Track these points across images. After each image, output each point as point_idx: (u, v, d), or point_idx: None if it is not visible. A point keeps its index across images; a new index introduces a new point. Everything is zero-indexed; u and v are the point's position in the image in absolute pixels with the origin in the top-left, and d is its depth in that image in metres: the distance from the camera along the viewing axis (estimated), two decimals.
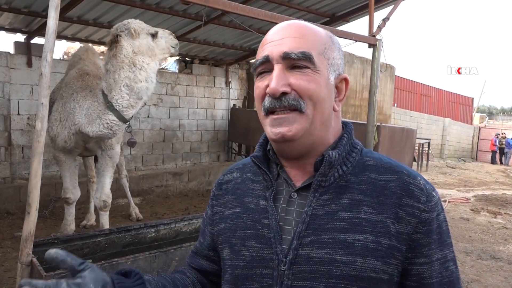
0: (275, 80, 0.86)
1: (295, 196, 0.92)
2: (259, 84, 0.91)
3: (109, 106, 3.36)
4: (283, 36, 0.89)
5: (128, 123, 3.51)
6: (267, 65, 0.89)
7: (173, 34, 3.60)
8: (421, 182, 0.88)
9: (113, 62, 3.30)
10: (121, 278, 0.85)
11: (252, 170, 1.02)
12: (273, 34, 0.91)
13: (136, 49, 3.33)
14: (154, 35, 3.42)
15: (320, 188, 0.89)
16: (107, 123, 3.40)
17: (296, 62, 0.86)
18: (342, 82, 0.94)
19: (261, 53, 0.91)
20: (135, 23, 3.35)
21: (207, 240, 1.08)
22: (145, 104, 7.06)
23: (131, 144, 3.68)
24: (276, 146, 0.93)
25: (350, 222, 0.85)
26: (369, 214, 0.85)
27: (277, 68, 0.87)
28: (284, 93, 0.86)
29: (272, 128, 0.88)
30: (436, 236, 0.86)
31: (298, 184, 0.93)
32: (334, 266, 0.83)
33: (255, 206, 0.96)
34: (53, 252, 0.76)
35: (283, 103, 0.86)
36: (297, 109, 0.86)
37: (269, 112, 0.88)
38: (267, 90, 0.87)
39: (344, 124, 0.98)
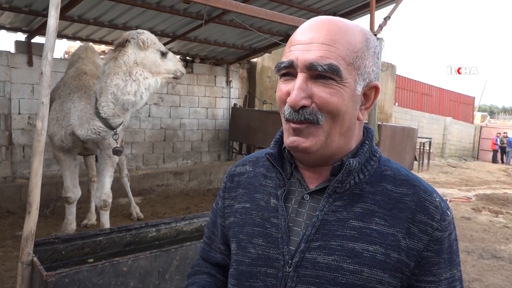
0: (296, 92, 0.82)
1: (308, 198, 0.90)
2: (282, 87, 0.87)
3: (97, 112, 3.36)
4: (311, 40, 0.83)
5: (115, 130, 3.49)
6: (291, 70, 0.85)
7: (182, 62, 3.64)
8: (436, 199, 0.87)
9: (111, 64, 3.28)
10: None
11: (265, 165, 1.01)
12: (302, 33, 0.86)
13: (139, 60, 3.28)
14: (164, 54, 3.40)
15: (334, 194, 0.88)
16: (94, 128, 3.42)
17: (321, 73, 0.82)
18: (371, 90, 0.90)
19: (287, 54, 0.86)
20: (147, 35, 3.33)
21: (219, 233, 1.07)
22: (146, 103, 7.07)
23: (116, 152, 3.63)
24: (294, 153, 0.91)
25: (360, 232, 0.84)
26: (380, 225, 0.84)
27: (300, 77, 0.83)
28: (303, 106, 0.83)
29: (289, 136, 0.87)
30: (446, 255, 0.86)
31: (312, 186, 0.91)
32: (340, 274, 0.82)
33: (265, 204, 0.95)
34: None
35: (300, 116, 0.83)
36: (313, 123, 0.84)
37: (288, 121, 0.87)
38: (288, 100, 0.84)
39: (366, 129, 0.95)
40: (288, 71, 0.86)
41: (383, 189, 0.88)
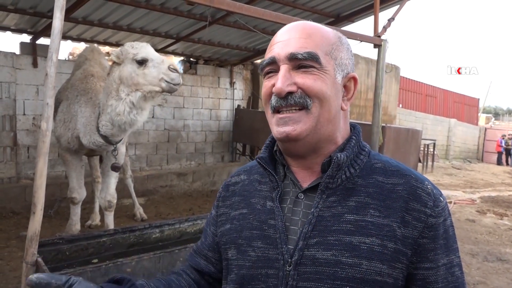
0: (280, 80, 0.86)
1: (302, 197, 0.92)
2: (266, 83, 0.92)
3: (97, 127, 3.37)
4: (289, 36, 0.90)
5: (115, 147, 3.48)
6: (273, 66, 0.90)
7: (175, 66, 3.07)
8: (428, 186, 0.88)
9: (107, 81, 3.26)
10: (112, 286, 0.87)
11: (259, 171, 1.03)
12: (280, 35, 0.92)
13: (121, 75, 3.10)
14: (141, 63, 3.01)
15: (327, 190, 0.89)
16: (94, 142, 3.44)
17: (302, 62, 0.86)
18: (350, 81, 0.94)
19: (268, 54, 0.92)
20: (124, 47, 3.11)
21: (208, 240, 1.09)
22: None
23: (114, 169, 3.64)
24: (282, 145, 0.93)
25: (356, 225, 0.85)
26: (375, 217, 0.85)
27: (283, 68, 0.88)
28: (290, 92, 0.86)
29: (277, 127, 0.89)
30: (442, 241, 0.86)
31: (305, 185, 0.93)
32: (340, 268, 0.83)
33: (261, 207, 0.96)
34: (34, 277, 0.77)
35: (289, 101, 0.87)
36: (304, 107, 0.86)
37: (276, 110, 0.89)
38: (273, 89, 0.88)
39: (352, 126, 0.98)
40: (271, 68, 0.91)
41: (374, 181, 0.89)
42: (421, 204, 0.85)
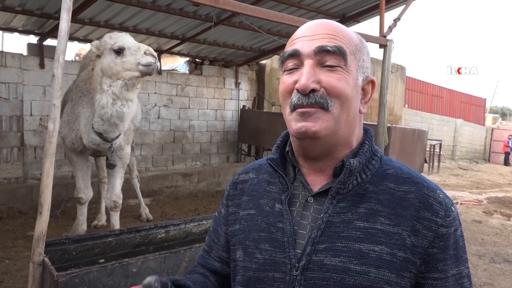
0: (305, 76, 0.84)
1: (312, 201, 0.91)
2: (286, 79, 0.89)
3: (92, 125, 3.39)
4: (315, 32, 0.87)
5: (111, 144, 3.48)
6: (295, 60, 0.88)
7: (151, 51, 3.07)
8: (440, 195, 0.87)
9: (93, 79, 3.26)
10: None
11: (268, 171, 1.01)
12: (304, 30, 0.90)
13: (102, 66, 3.11)
14: (119, 52, 3.04)
15: (338, 195, 0.88)
16: (92, 140, 3.46)
17: (330, 57, 0.84)
18: (369, 84, 0.93)
19: (289, 47, 0.89)
20: (104, 37, 3.13)
21: (221, 241, 1.07)
22: (155, 105, 7.13)
23: (108, 166, 3.66)
24: (299, 143, 0.91)
25: (365, 232, 0.84)
26: (385, 225, 0.84)
27: (308, 64, 0.85)
28: (313, 90, 0.84)
29: (296, 123, 0.86)
30: (452, 251, 0.85)
31: (315, 188, 0.91)
32: (348, 275, 0.82)
33: (270, 209, 0.95)
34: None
35: (311, 100, 0.84)
36: (323, 108, 0.84)
37: (295, 108, 0.86)
38: (297, 85, 0.85)
39: (365, 130, 0.96)
40: (292, 62, 0.88)
41: (386, 188, 0.88)
42: (432, 213, 0.84)
